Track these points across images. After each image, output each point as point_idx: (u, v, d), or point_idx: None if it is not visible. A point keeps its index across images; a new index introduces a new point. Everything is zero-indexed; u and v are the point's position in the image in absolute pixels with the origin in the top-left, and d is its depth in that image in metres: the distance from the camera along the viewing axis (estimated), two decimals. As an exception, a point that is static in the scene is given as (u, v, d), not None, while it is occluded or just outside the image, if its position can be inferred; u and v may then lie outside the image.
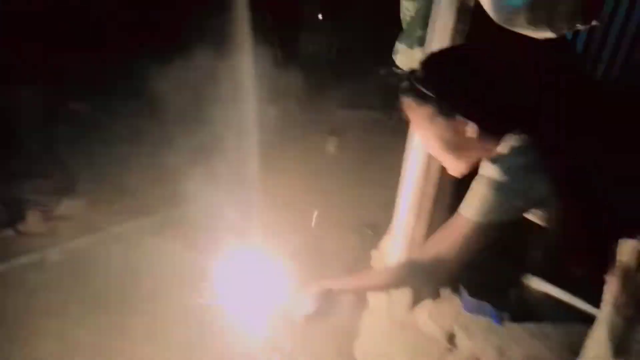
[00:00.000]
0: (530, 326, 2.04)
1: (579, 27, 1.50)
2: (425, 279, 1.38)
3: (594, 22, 1.53)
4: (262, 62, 4.49)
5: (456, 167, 1.29)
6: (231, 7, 3.96)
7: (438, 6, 1.72)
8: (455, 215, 1.21)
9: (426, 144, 1.31)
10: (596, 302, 1.31)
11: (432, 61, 1.26)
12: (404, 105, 1.26)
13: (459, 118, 1.18)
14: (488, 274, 2.22)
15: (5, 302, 2.55)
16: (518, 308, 2.12)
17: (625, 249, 1.19)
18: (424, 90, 1.19)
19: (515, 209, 1.14)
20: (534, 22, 1.44)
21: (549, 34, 1.49)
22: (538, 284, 2.29)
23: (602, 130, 1.18)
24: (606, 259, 1.19)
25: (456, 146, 1.23)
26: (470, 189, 1.19)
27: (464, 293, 2.13)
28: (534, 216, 1.23)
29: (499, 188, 1.12)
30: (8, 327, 2.38)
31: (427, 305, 2.17)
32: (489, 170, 1.14)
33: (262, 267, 1.55)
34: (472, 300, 2.09)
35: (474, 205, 1.16)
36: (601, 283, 1.32)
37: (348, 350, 2.38)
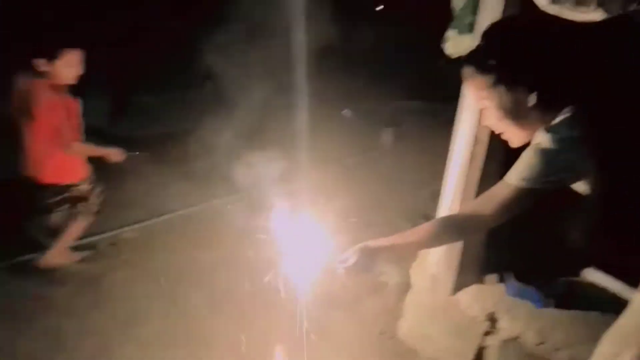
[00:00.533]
0: (576, 313, 2.04)
1: (636, 7, 1.48)
2: (460, 233, 1.43)
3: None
4: (318, 56, 4.60)
5: (515, 137, 1.31)
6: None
7: (487, -7, 1.76)
8: (500, 181, 1.26)
9: (485, 114, 1.34)
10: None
11: (496, 30, 1.28)
12: (466, 75, 1.30)
13: (520, 87, 1.21)
14: (535, 260, 2.23)
15: (86, 272, 2.86)
16: (566, 295, 2.12)
17: None
18: (487, 60, 1.23)
19: (559, 179, 1.17)
20: (582, 3, 1.44)
21: (600, 15, 1.48)
22: (591, 274, 2.26)
23: None
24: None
25: (516, 115, 1.25)
26: (520, 157, 1.23)
27: (510, 277, 2.15)
28: (578, 186, 1.25)
29: (547, 156, 1.15)
30: (87, 296, 2.67)
31: (470, 289, 2.21)
32: (540, 139, 1.18)
33: (314, 230, 1.66)
34: (517, 284, 2.11)
35: (520, 170, 1.20)
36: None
37: (392, 330, 2.46)
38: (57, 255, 2.79)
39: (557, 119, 1.19)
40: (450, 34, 1.97)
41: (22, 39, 2.55)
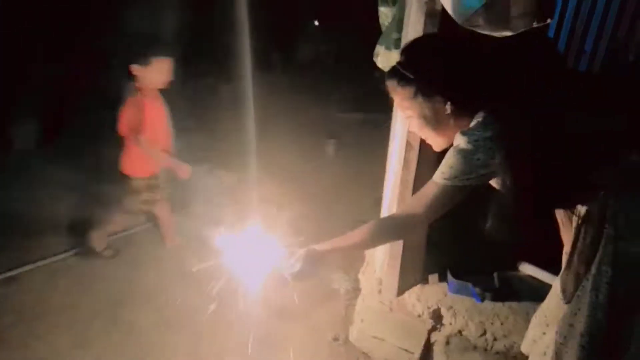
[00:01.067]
0: (512, 304, 2.19)
1: (535, 24, 1.66)
2: (396, 232, 1.51)
3: (548, 20, 1.70)
4: (260, 68, 4.63)
5: (437, 142, 1.47)
6: (229, 14, 4.12)
7: (410, 11, 1.89)
8: (429, 182, 1.38)
9: (409, 122, 1.48)
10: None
11: (413, 47, 1.44)
12: (389, 87, 1.43)
13: (437, 97, 1.36)
14: (472, 257, 2.37)
15: (22, 301, 2.73)
16: (501, 288, 2.27)
17: (575, 214, 1.36)
18: (406, 73, 1.37)
19: (479, 175, 1.31)
20: (492, 23, 1.60)
21: (507, 33, 1.64)
22: (522, 267, 2.44)
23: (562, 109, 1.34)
24: (551, 223, 1.35)
25: (435, 122, 1.40)
26: (444, 159, 1.36)
27: (449, 276, 2.28)
28: (494, 182, 1.38)
29: (466, 156, 1.29)
30: (27, 326, 2.55)
31: (414, 289, 2.31)
32: (459, 141, 1.31)
33: (260, 240, 1.68)
34: (456, 282, 2.23)
35: (444, 170, 1.33)
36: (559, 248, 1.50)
37: (344, 336, 2.53)
38: (95, 240, 3.11)
39: (472, 123, 1.33)
40: (379, 50, 2.09)
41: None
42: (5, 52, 4.88)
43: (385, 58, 2.10)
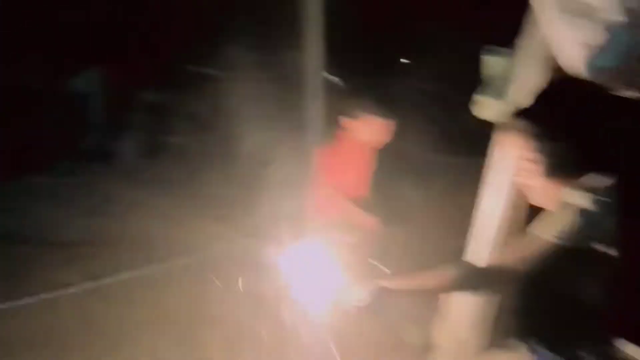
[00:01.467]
0: (610, 389, 1.96)
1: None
2: (483, 284, 1.42)
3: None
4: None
5: (542, 194, 1.41)
6: (317, 47, 4.24)
7: (522, 63, 1.81)
8: (529, 235, 1.27)
9: (523, 169, 1.43)
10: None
11: (546, 93, 1.47)
12: (508, 132, 1.44)
13: (559, 147, 1.35)
14: (564, 328, 2.16)
15: (96, 314, 2.86)
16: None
17: None
18: (536, 119, 1.37)
19: (590, 238, 1.26)
20: (624, 82, 1.48)
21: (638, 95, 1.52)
22: (624, 346, 2.19)
23: None
24: None
25: (554, 173, 1.37)
26: (550, 213, 1.29)
27: (537, 346, 2.08)
28: (605, 248, 1.26)
29: (585, 216, 1.24)
30: (98, 342, 2.65)
31: (496, 353, 2.14)
32: (574, 198, 1.21)
33: (324, 262, 1.63)
34: (546, 354, 2.04)
35: (554, 227, 1.26)
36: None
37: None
38: None
39: (591, 182, 1.23)
40: (483, 99, 2.03)
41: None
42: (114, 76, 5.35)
43: (487, 108, 2.03)
